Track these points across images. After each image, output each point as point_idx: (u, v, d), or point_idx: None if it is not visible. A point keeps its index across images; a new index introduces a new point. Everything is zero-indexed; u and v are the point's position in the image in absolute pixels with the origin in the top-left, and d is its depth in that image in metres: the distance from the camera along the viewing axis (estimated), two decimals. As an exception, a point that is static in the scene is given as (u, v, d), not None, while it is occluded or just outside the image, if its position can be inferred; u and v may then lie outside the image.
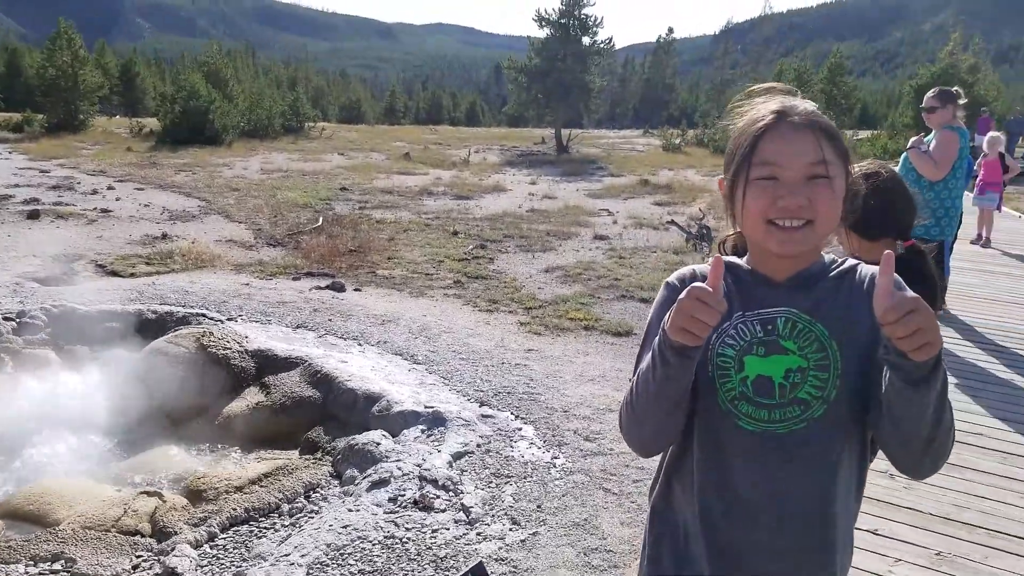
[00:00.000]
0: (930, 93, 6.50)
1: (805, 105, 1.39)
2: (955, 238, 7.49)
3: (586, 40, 29.82)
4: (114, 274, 8.94)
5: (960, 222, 6.98)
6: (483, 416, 5.33)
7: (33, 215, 11.96)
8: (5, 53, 62.36)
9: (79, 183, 16.22)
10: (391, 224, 13.13)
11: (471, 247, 11.30)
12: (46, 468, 4.73)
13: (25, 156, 21.78)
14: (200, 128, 26.93)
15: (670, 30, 79.77)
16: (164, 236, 11.12)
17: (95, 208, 13.08)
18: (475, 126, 75.81)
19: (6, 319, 6.53)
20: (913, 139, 6.57)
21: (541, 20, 29.04)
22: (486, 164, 24.54)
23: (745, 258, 1.53)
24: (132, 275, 8.88)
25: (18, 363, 6.03)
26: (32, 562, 3.68)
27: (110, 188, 15.65)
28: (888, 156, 24.78)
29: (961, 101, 6.32)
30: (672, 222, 12.51)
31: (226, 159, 22.82)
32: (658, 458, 1.59)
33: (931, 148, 6.27)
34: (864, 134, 34.02)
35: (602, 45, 30.74)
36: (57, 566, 3.68)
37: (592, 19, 29.48)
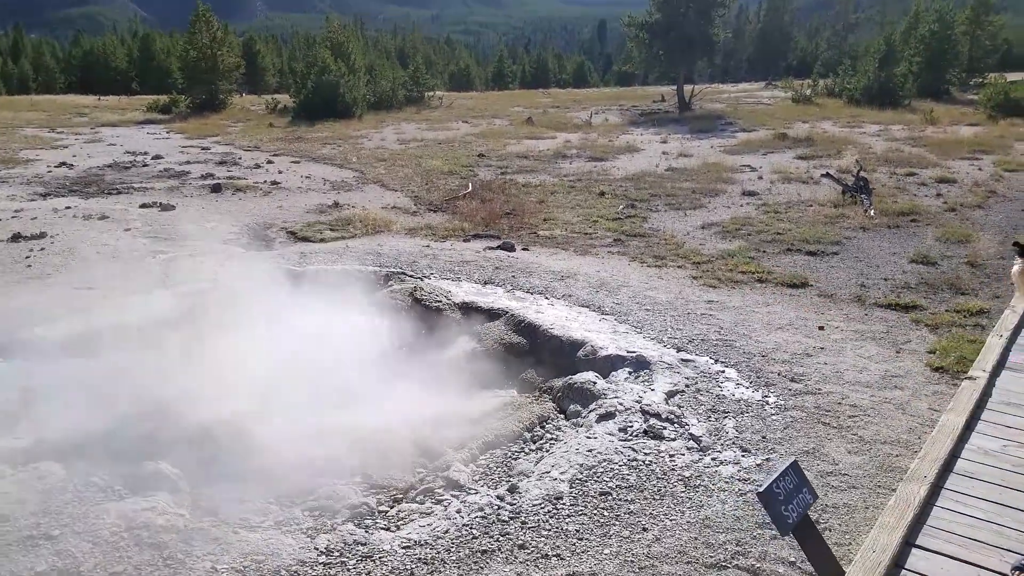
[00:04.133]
0: None
1: None
2: None
3: (708, -9, 29.00)
4: (305, 240, 9.84)
5: None
6: (683, 360, 5.73)
7: (216, 188, 13.21)
8: (138, 39, 66.57)
9: (240, 158, 17.59)
10: (537, 187, 13.60)
11: (621, 207, 11.62)
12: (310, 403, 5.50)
13: (182, 135, 23.62)
14: (332, 102, 28.21)
15: (787, -26, 75.42)
16: (336, 205, 12.05)
17: (265, 181, 14.24)
18: (583, 87, 74.94)
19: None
20: None
21: (660, -26, 28.40)
22: (609, 125, 24.56)
23: None
24: (322, 240, 9.76)
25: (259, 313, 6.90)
26: (337, 476, 4.41)
27: (269, 162, 16.90)
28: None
29: None
30: (827, 175, 12.33)
31: (361, 131, 23.93)
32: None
33: None
34: (1015, 76, 31.52)
35: (724, -4, 29.80)
36: (358, 478, 4.40)
37: (714, -31, 28.59)
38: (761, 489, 2.58)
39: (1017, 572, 2.65)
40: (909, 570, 2.69)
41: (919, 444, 4.14)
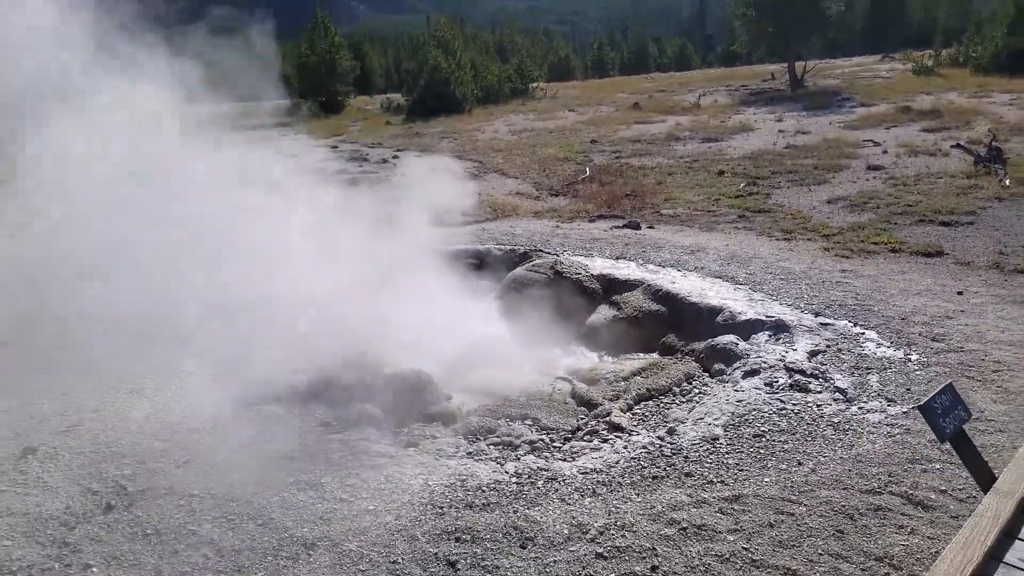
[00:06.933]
0: None
1: None
2: None
3: (820, -35, 28.10)
4: (442, 224, 10.55)
5: None
6: (822, 324, 5.98)
7: (352, 182, 14.23)
8: (254, 46, 70.28)
9: (367, 155, 18.72)
10: (653, 169, 13.89)
11: (742, 185, 11.76)
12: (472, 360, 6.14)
13: (310, 136, 25.17)
14: (443, 98, 29.33)
15: (904, -61, 71.19)
16: (463, 192, 12.76)
17: (396, 174, 15.17)
18: (685, 70, 73.67)
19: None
20: None
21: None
22: (719, 106, 24.37)
23: None
24: (458, 224, 10.45)
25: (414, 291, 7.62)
26: (509, 419, 4.99)
27: (395, 157, 17.91)
28: None
29: None
30: (957, 145, 12.02)
31: (473, 124, 24.79)
32: None
33: None
34: None
35: (838, -32, 28.78)
36: (528, 422, 4.96)
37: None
38: (922, 403, 2.92)
39: None
40: (1063, 479, 2.96)
41: (1069, 394, 4.30)
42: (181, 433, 4.39)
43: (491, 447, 4.57)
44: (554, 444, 4.62)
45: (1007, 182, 10.13)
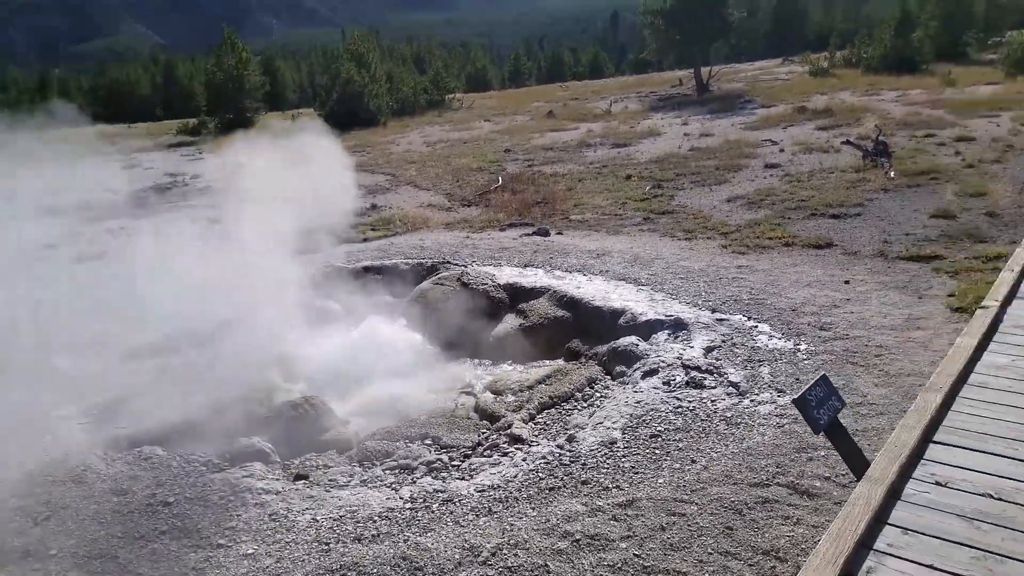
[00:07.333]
0: None
1: None
2: None
3: (723, -25, 29.03)
4: (349, 240, 10.33)
5: None
6: (718, 319, 6.08)
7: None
8: (160, 66, 67.85)
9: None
10: (564, 176, 13.97)
11: (648, 188, 11.95)
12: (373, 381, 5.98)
13: (215, 155, 24.38)
14: (357, 112, 28.92)
15: (799, -53, 74.51)
16: (374, 207, 12.55)
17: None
18: (599, 78, 75.00)
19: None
20: None
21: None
22: (629, 112, 24.81)
23: None
24: (365, 240, 10.25)
25: (315, 314, 7.40)
26: (408, 440, 4.86)
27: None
28: None
29: None
30: (847, 142, 12.55)
31: (388, 137, 24.53)
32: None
33: None
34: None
35: (738, -23, 29.84)
36: (428, 441, 4.84)
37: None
38: (796, 396, 2.94)
39: None
40: (928, 459, 3.03)
41: (944, 374, 4.45)
42: (43, 486, 4.07)
43: (387, 472, 4.42)
44: (453, 463, 4.51)
45: (892, 174, 10.61)
